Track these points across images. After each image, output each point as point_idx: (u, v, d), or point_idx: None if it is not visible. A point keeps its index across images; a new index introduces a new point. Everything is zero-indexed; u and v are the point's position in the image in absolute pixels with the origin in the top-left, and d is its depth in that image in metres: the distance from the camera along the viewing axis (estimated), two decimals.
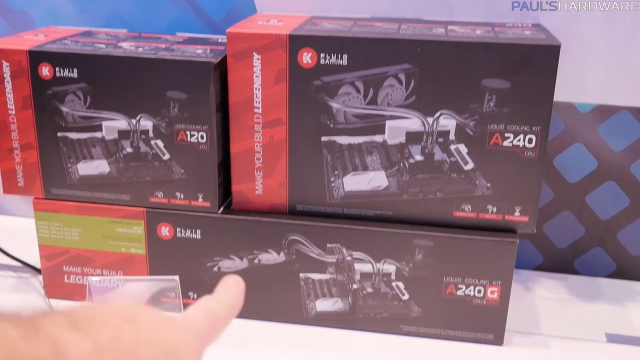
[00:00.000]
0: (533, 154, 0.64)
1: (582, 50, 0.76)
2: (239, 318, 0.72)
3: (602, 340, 0.72)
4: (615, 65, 0.76)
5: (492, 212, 0.67)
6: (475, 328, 0.70)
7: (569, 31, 0.75)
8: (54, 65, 0.68)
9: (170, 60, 0.66)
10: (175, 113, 0.67)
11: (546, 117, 0.63)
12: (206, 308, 0.38)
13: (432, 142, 0.65)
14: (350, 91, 0.64)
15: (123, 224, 0.73)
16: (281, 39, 0.64)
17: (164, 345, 0.32)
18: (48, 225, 0.75)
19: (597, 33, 0.75)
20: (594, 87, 0.77)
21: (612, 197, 0.82)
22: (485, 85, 0.62)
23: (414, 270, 0.69)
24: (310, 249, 0.70)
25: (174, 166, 0.70)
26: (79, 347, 0.28)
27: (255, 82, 0.66)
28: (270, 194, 0.70)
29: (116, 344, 0.29)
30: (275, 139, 0.68)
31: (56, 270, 0.76)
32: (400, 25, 0.68)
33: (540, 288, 0.83)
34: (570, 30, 0.75)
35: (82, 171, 0.72)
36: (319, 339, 0.71)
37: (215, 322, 0.37)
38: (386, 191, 0.68)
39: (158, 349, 0.31)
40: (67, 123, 0.70)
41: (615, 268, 0.86)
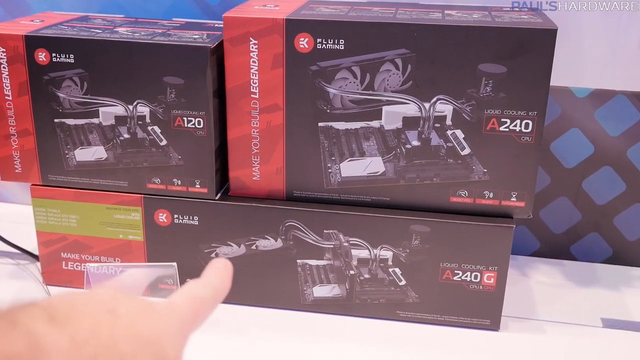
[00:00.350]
0: (529, 139, 0.64)
1: (579, 34, 0.76)
2: (236, 304, 0.73)
3: (598, 325, 0.73)
4: (612, 50, 0.76)
5: (488, 197, 0.67)
6: (471, 313, 0.70)
7: (566, 16, 0.75)
8: (50, 50, 0.68)
9: (166, 45, 0.66)
10: (172, 99, 0.67)
11: (543, 101, 0.63)
12: (191, 293, 0.37)
13: (429, 127, 0.65)
14: (347, 76, 0.64)
15: (120, 210, 0.73)
16: (278, 23, 0.64)
17: (144, 336, 0.31)
18: (46, 212, 0.75)
19: (594, 17, 0.75)
20: (590, 71, 0.77)
21: (609, 182, 0.82)
22: (481, 70, 0.62)
23: (410, 256, 0.69)
24: (308, 235, 0.70)
25: (171, 152, 0.70)
26: (55, 341, 0.27)
27: (252, 67, 0.66)
28: (268, 180, 0.70)
29: (94, 337, 0.29)
30: (272, 125, 0.68)
31: (54, 257, 0.77)
32: (397, 10, 0.68)
33: (536, 273, 0.83)
34: (567, 15, 0.75)
35: (79, 157, 0.72)
36: (317, 325, 0.72)
37: (201, 307, 0.37)
38: (383, 177, 0.68)
39: (138, 341, 0.31)
40: (63, 109, 0.70)
41: (612, 253, 0.86)
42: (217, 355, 0.67)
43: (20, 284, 0.78)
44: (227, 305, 0.74)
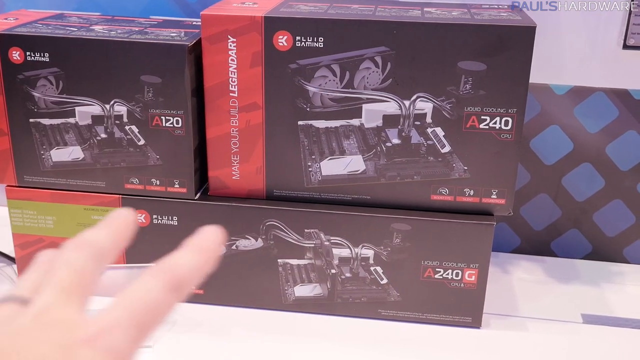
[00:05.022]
0: (509, 136, 0.64)
1: (558, 31, 0.76)
2: (217, 305, 0.73)
3: (579, 321, 0.73)
4: (591, 47, 0.76)
5: (469, 195, 0.67)
6: (453, 311, 0.70)
7: (545, 14, 0.75)
8: (24, 49, 0.67)
9: (143, 44, 0.65)
10: (149, 98, 0.66)
11: (522, 99, 0.63)
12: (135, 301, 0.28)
13: (409, 125, 0.65)
14: (327, 74, 0.64)
15: (98, 211, 0.72)
16: (256, 21, 0.63)
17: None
18: (22, 214, 0.74)
19: (573, 15, 0.75)
20: (569, 68, 0.77)
21: (588, 179, 0.83)
22: (461, 67, 0.62)
23: (392, 254, 0.69)
24: (288, 234, 0.69)
25: (150, 152, 0.69)
26: None
27: (231, 66, 0.65)
28: (248, 179, 0.70)
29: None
30: (252, 124, 0.67)
31: (31, 259, 0.75)
32: (376, 7, 0.68)
33: (517, 270, 0.83)
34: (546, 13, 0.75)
35: (55, 158, 0.71)
36: (298, 324, 0.71)
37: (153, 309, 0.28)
38: (363, 175, 0.68)
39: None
40: (39, 108, 0.69)
41: (591, 249, 0.86)
42: (198, 356, 0.66)
43: None
44: (208, 305, 0.74)
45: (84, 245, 0.31)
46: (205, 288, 0.73)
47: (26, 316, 0.28)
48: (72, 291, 0.29)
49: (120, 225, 0.33)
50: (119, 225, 0.33)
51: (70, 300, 0.28)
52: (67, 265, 0.30)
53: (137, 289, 0.29)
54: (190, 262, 0.30)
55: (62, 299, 0.28)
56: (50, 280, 0.29)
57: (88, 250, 0.31)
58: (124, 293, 0.29)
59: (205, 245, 0.32)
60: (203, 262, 0.31)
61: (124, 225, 0.33)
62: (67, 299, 0.28)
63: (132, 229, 0.33)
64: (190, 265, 0.30)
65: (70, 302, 0.28)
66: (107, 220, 0.33)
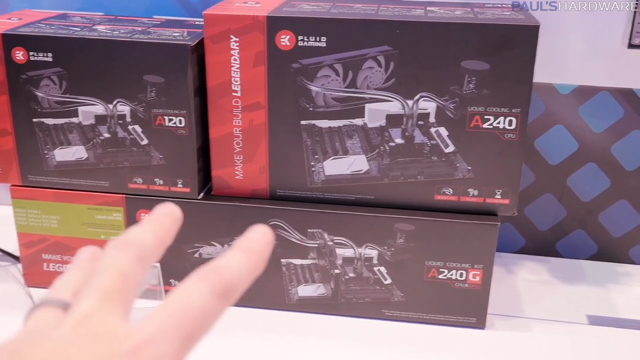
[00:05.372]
0: (513, 136, 0.64)
1: (562, 31, 0.75)
2: None
3: (584, 322, 0.73)
4: (596, 46, 0.76)
5: (473, 195, 0.67)
6: (457, 312, 0.70)
7: (549, 13, 0.75)
8: (27, 49, 0.67)
9: (146, 44, 0.65)
10: (152, 97, 0.66)
11: (526, 98, 0.62)
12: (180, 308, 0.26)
13: (413, 125, 0.65)
14: (329, 74, 0.64)
15: (102, 210, 0.72)
16: (259, 21, 0.63)
17: None
18: (26, 213, 0.74)
19: (578, 14, 0.75)
20: (574, 68, 0.77)
21: (593, 178, 0.82)
22: (464, 66, 0.62)
23: (395, 255, 0.68)
24: (292, 234, 0.69)
25: (153, 151, 0.69)
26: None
27: (233, 65, 0.65)
28: (251, 179, 0.69)
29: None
30: (255, 123, 0.67)
31: (35, 258, 0.75)
32: (379, 7, 0.67)
33: (522, 271, 0.83)
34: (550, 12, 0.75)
35: (59, 157, 0.71)
36: (302, 324, 0.71)
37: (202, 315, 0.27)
38: (367, 175, 0.67)
39: None
40: (42, 108, 0.69)
41: (597, 250, 0.86)
42: (201, 356, 0.66)
43: (1, 286, 0.77)
44: None
45: (128, 245, 0.29)
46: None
47: (66, 324, 0.26)
48: (115, 297, 0.27)
49: (165, 222, 0.31)
50: (164, 221, 0.31)
51: (113, 307, 0.27)
52: (111, 267, 0.28)
53: (182, 294, 0.27)
54: (240, 264, 0.28)
55: (105, 306, 0.27)
56: (92, 284, 0.27)
57: (133, 251, 0.29)
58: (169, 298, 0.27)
59: (256, 246, 0.30)
60: (253, 264, 0.29)
61: (169, 222, 0.31)
62: (110, 306, 0.27)
63: (178, 225, 0.31)
64: (239, 268, 0.28)
65: (113, 310, 0.27)
66: (152, 216, 0.31)
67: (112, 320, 0.26)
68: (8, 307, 0.73)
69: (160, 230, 0.30)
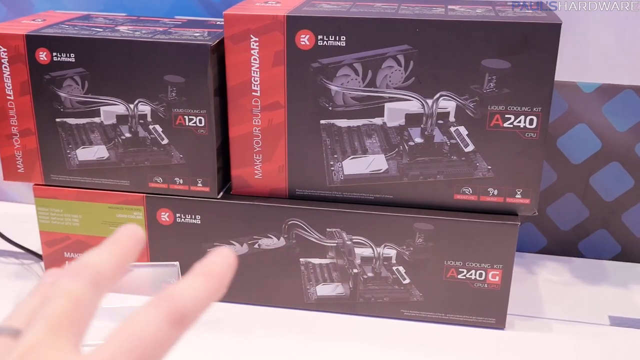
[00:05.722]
0: (534, 135, 0.63)
1: (585, 29, 0.74)
2: (239, 303, 0.73)
3: (606, 323, 0.72)
4: (619, 44, 0.75)
5: (493, 194, 0.66)
6: (476, 312, 0.70)
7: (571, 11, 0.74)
8: (51, 50, 0.68)
9: (167, 44, 0.65)
10: (173, 97, 0.67)
11: (547, 97, 0.62)
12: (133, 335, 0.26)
13: (432, 124, 0.64)
14: (349, 73, 0.64)
15: (123, 209, 0.73)
16: (278, 20, 0.63)
17: None
18: (48, 212, 0.75)
19: (601, 13, 0.74)
20: (597, 66, 0.76)
21: (617, 178, 0.81)
22: (485, 65, 0.61)
23: (414, 254, 0.68)
24: (310, 234, 0.69)
25: (173, 151, 0.69)
26: None
27: (253, 65, 0.65)
28: (270, 178, 0.70)
29: None
30: (274, 123, 0.67)
31: (57, 257, 0.76)
32: (399, 5, 0.67)
33: (543, 271, 0.82)
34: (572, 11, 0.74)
35: (81, 157, 0.72)
36: (320, 324, 0.71)
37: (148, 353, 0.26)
38: (386, 174, 0.67)
39: None
40: (65, 108, 0.70)
41: (620, 250, 0.85)
42: (220, 355, 0.66)
43: (23, 283, 0.78)
44: (230, 304, 0.74)
45: (83, 270, 0.28)
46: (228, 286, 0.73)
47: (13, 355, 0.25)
48: (65, 326, 0.26)
49: (126, 244, 0.30)
50: (125, 244, 0.30)
51: (62, 337, 0.26)
52: (62, 294, 0.27)
53: (135, 322, 0.26)
54: (197, 290, 0.28)
55: (53, 337, 0.26)
56: (43, 312, 0.26)
57: (87, 276, 0.28)
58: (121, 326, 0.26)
59: (216, 269, 0.29)
60: (211, 289, 0.28)
61: (130, 244, 0.30)
62: (58, 336, 0.26)
63: (140, 248, 0.30)
64: (196, 294, 0.28)
65: (60, 340, 0.26)
66: (113, 238, 0.30)
67: (59, 351, 0.25)
68: None
69: (120, 252, 0.30)
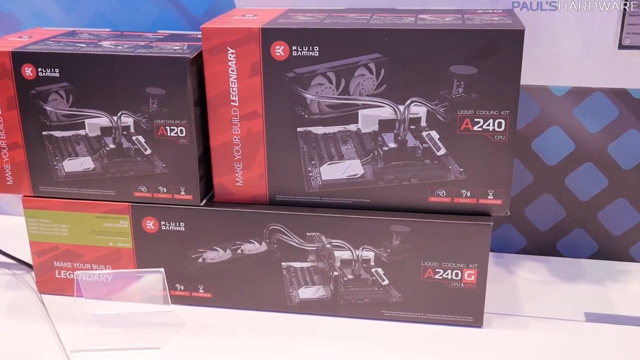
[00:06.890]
0: (503, 138, 0.65)
1: (554, 33, 0.77)
2: (223, 308, 0.75)
3: (582, 320, 0.74)
4: (588, 47, 0.77)
5: (466, 196, 0.68)
6: (454, 311, 0.71)
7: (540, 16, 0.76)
8: (36, 65, 0.70)
9: (147, 57, 0.68)
10: (154, 109, 0.69)
11: (514, 100, 0.64)
12: None
13: (405, 129, 0.67)
14: (323, 82, 0.66)
15: (109, 218, 0.75)
16: (254, 33, 0.65)
17: None
18: (37, 222, 0.77)
19: (569, 16, 0.76)
20: (568, 69, 0.78)
21: (591, 178, 0.83)
22: (453, 71, 0.64)
23: (392, 256, 0.70)
24: (291, 238, 0.71)
25: (156, 161, 0.72)
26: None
27: (231, 76, 0.67)
28: (251, 185, 0.72)
29: None
30: (253, 131, 0.69)
31: (47, 266, 0.78)
32: (372, 16, 0.70)
33: (522, 271, 0.84)
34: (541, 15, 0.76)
35: (67, 168, 0.74)
36: (303, 326, 0.73)
37: None
38: (362, 179, 0.69)
39: None
40: (51, 122, 0.72)
41: (597, 248, 0.87)
42: (205, 357, 0.68)
43: (15, 293, 0.80)
44: (215, 309, 0.76)
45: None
46: (213, 291, 0.75)
47: None
48: None
49: None
50: None
51: None
52: None
53: None
54: None
55: None
56: None
57: None
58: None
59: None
60: None
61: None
62: None
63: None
64: None
65: None
66: None
67: None
68: (22, 313, 0.76)
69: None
